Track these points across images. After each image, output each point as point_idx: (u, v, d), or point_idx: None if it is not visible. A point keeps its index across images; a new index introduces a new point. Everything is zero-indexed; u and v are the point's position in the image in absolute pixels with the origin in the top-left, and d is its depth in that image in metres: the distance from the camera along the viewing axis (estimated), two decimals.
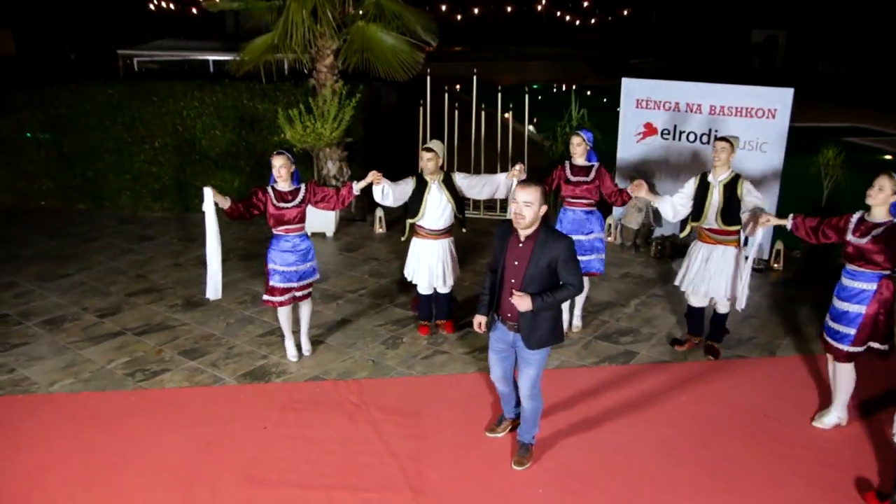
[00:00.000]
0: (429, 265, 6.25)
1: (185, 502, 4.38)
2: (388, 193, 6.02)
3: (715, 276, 5.88)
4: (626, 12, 45.59)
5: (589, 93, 22.25)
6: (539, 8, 52.39)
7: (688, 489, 4.54)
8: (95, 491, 4.47)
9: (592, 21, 51.58)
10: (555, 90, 23.63)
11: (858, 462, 4.80)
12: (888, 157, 16.19)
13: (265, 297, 5.94)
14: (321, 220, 9.26)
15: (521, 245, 4.25)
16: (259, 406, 5.43)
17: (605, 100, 8.56)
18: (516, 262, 4.25)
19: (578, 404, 5.46)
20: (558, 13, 53.24)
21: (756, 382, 5.85)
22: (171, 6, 43.87)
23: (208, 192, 5.54)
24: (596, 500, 4.43)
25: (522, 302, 4.14)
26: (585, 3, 51.46)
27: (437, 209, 6.08)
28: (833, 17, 31.59)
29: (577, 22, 52.68)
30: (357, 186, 5.91)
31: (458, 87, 14.63)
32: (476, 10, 51.83)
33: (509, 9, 52.54)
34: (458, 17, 53.10)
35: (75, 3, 31.41)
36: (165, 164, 10.37)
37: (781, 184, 8.08)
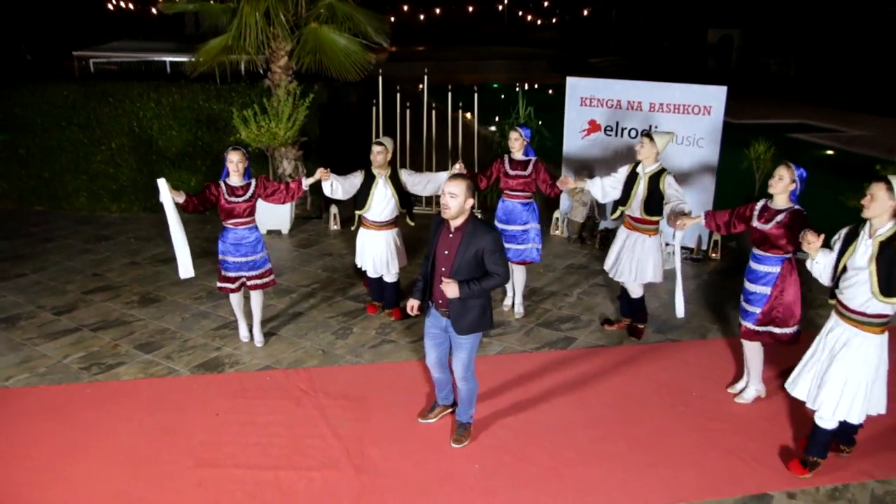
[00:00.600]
0: (373, 254, 6.64)
1: (138, 484, 4.58)
2: (337, 188, 6.34)
3: (626, 261, 6.24)
4: (585, 12, 46.19)
5: (551, 91, 22.73)
6: (500, 8, 52.82)
7: (617, 462, 4.86)
8: (52, 476, 4.66)
9: (553, 21, 52.14)
10: (517, 88, 24.02)
11: (779, 433, 5.18)
12: (830, 151, 16.81)
13: (219, 284, 6.24)
14: (276, 217, 9.48)
15: (451, 235, 4.53)
16: (211, 395, 5.64)
17: (549, 91, 8.83)
18: (446, 252, 4.53)
19: (517, 387, 5.76)
20: (520, 13, 53.73)
21: (686, 363, 6.21)
22: (131, 6, 43.45)
23: (162, 184, 5.80)
24: (528, 472, 4.73)
25: (450, 288, 4.41)
26: (546, 3, 51.98)
27: (381, 202, 6.45)
28: (786, 17, 32.39)
29: (539, 22, 53.22)
30: (306, 182, 6.19)
31: (420, 86, 14.89)
32: (438, 11, 52.07)
33: (471, 9, 52.90)
34: (422, 16, 53.33)
35: (31, 4, 31.01)
36: (123, 165, 10.48)
37: (720, 176, 8.48)
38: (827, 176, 12.99)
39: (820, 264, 4.57)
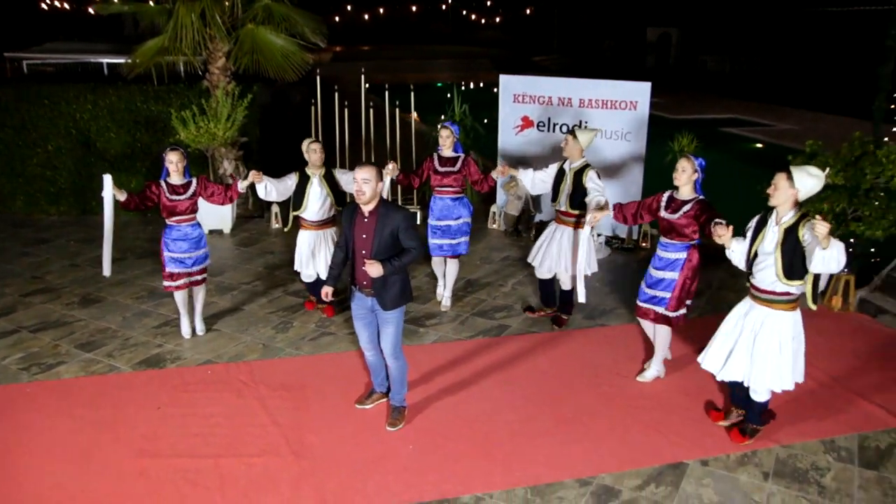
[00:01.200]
0: (312, 253, 6.73)
1: (80, 476, 4.68)
2: (272, 190, 6.46)
3: (555, 254, 6.55)
4: (528, 11, 46.81)
5: (496, 90, 23.08)
6: (445, 7, 53.14)
7: (543, 439, 5.14)
8: None
9: (497, 20, 52.67)
10: (463, 87, 24.31)
11: (697, 408, 5.54)
12: (759, 145, 17.51)
13: (165, 282, 6.35)
14: (217, 217, 9.56)
15: (366, 220, 4.82)
16: (153, 389, 5.76)
17: (494, 89, 9.10)
18: (364, 236, 4.81)
19: (451, 373, 6.02)
20: (464, 12, 54.13)
21: (613, 347, 6.55)
22: (66, 5, 42.39)
23: (108, 179, 5.92)
24: (459, 451, 4.98)
25: (374, 268, 4.69)
26: (489, 2, 52.48)
27: (317, 201, 6.58)
28: (722, 16, 33.38)
29: (483, 21, 53.69)
30: (241, 185, 6.32)
31: (367, 86, 15.00)
32: (382, 10, 52.14)
33: (414, 8, 53.09)
34: (366, 16, 53.30)
35: None
36: (60, 168, 10.42)
37: (647, 169, 8.88)
38: (755, 168, 13.59)
39: (736, 252, 4.92)
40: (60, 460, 4.86)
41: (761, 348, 4.81)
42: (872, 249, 8.03)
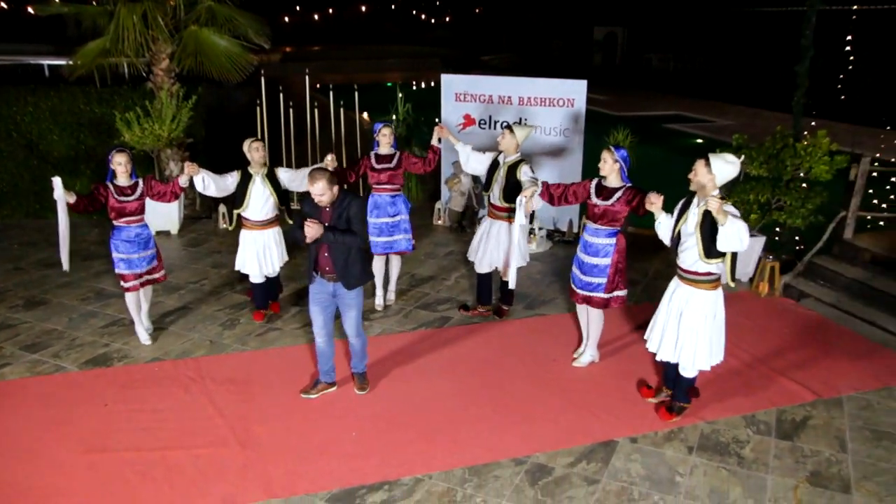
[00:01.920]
0: (256, 253, 6.79)
1: (28, 472, 4.75)
2: (210, 184, 6.52)
3: (493, 249, 6.78)
4: (477, 10, 47.20)
5: None
6: (394, 7, 53.24)
7: (482, 424, 5.38)
8: None
9: (447, 19, 52.96)
10: (414, 87, 24.50)
11: (628, 389, 5.86)
12: (700, 140, 18.07)
13: (123, 284, 6.40)
14: (165, 218, 9.59)
15: (327, 209, 5.18)
16: (100, 387, 5.83)
17: (432, 83, 9.34)
18: (326, 224, 5.15)
19: (395, 364, 6.22)
20: (414, 11, 54.28)
21: (551, 335, 6.82)
22: (3, 5, 41.31)
23: (57, 182, 5.97)
24: (401, 437, 5.18)
25: (313, 229, 5.01)
26: (438, 2, 52.75)
27: (259, 200, 6.64)
28: (666, 15, 34.13)
29: (433, 20, 53.92)
30: (182, 179, 6.39)
31: (318, 85, 15.13)
32: (331, 10, 51.99)
33: (364, 8, 53.08)
34: (316, 16, 53.07)
35: None
36: (1, 171, 10.31)
37: (586, 163, 9.19)
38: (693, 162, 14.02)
39: (662, 225, 5.26)
40: (6, 457, 4.92)
41: (686, 326, 5.13)
42: (797, 238, 8.48)
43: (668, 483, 4.74)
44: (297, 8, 49.49)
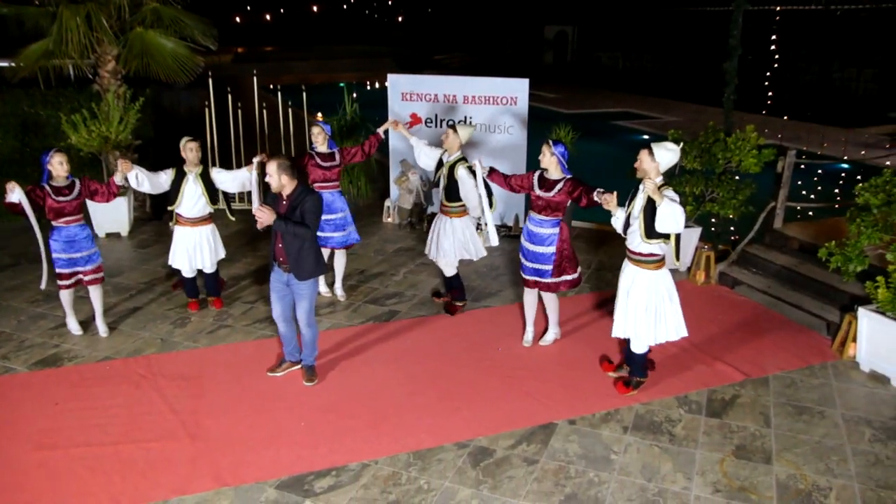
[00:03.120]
0: (187, 249, 6.99)
1: None
2: (143, 180, 6.67)
3: (447, 243, 6.98)
4: (429, 10, 47.38)
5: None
6: (346, 7, 53.13)
7: (427, 411, 5.58)
8: None
9: (399, 19, 53.01)
10: (368, 87, 24.60)
11: (568, 374, 6.12)
12: (646, 136, 18.52)
13: (58, 281, 6.52)
14: (114, 220, 9.58)
15: (284, 202, 5.42)
16: (50, 387, 5.89)
17: (385, 83, 9.49)
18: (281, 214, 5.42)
19: (343, 357, 6.39)
20: (366, 11, 54.22)
21: (495, 325, 7.05)
22: None
23: (12, 186, 6.15)
24: (348, 426, 5.36)
25: (264, 215, 5.23)
26: (390, 2, 52.80)
27: (192, 198, 6.84)
28: (615, 14, 34.71)
29: (385, 20, 53.92)
30: (118, 177, 6.49)
31: (271, 86, 15.16)
32: (282, 10, 51.67)
33: (315, 8, 52.86)
34: (268, 16, 52.65)
35: None
36: None
37: (530, 159, 9.45)
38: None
39: (619, 219, 5.60)
40: None
41: (632, 303, 5.53)
42: (732, 228, 8.86)
43: (604, 461, 5.01)
44: (248, 8, 49.08)
